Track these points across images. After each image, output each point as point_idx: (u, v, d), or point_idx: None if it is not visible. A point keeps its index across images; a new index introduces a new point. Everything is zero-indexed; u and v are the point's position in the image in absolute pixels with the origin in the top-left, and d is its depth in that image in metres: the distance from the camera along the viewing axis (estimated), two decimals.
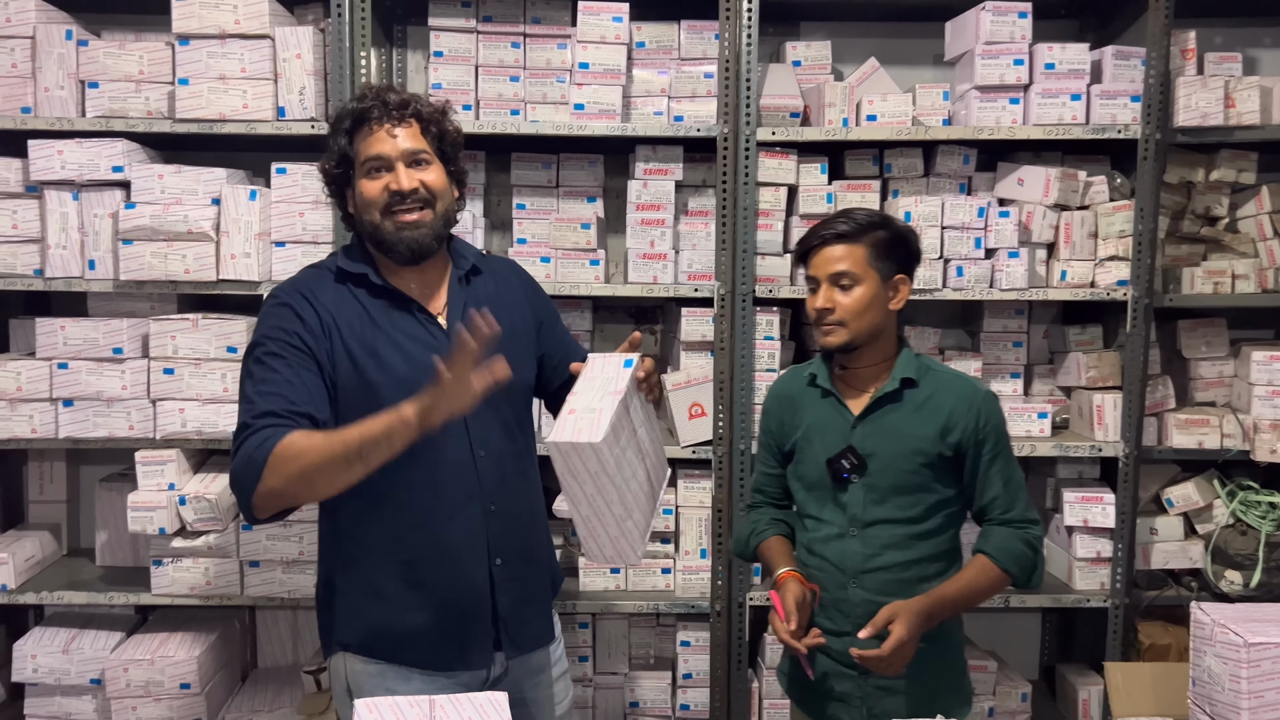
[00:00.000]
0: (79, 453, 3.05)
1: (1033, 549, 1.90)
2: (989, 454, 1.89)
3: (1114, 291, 2.68)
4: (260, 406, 1.64)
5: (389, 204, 1.75)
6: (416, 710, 1.58)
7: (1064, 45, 2.64)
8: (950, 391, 1.90)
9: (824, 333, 1.90)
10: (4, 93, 2.60)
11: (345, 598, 1.82)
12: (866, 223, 1.88)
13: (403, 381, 1.70)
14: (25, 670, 2.67)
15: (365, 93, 1.81)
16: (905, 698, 1.89)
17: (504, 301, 1.89)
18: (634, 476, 1.64)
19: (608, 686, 2.83)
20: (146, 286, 2.62)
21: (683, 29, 2.73)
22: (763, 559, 2.02)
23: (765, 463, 2.09)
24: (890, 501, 1.88)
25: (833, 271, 1.87)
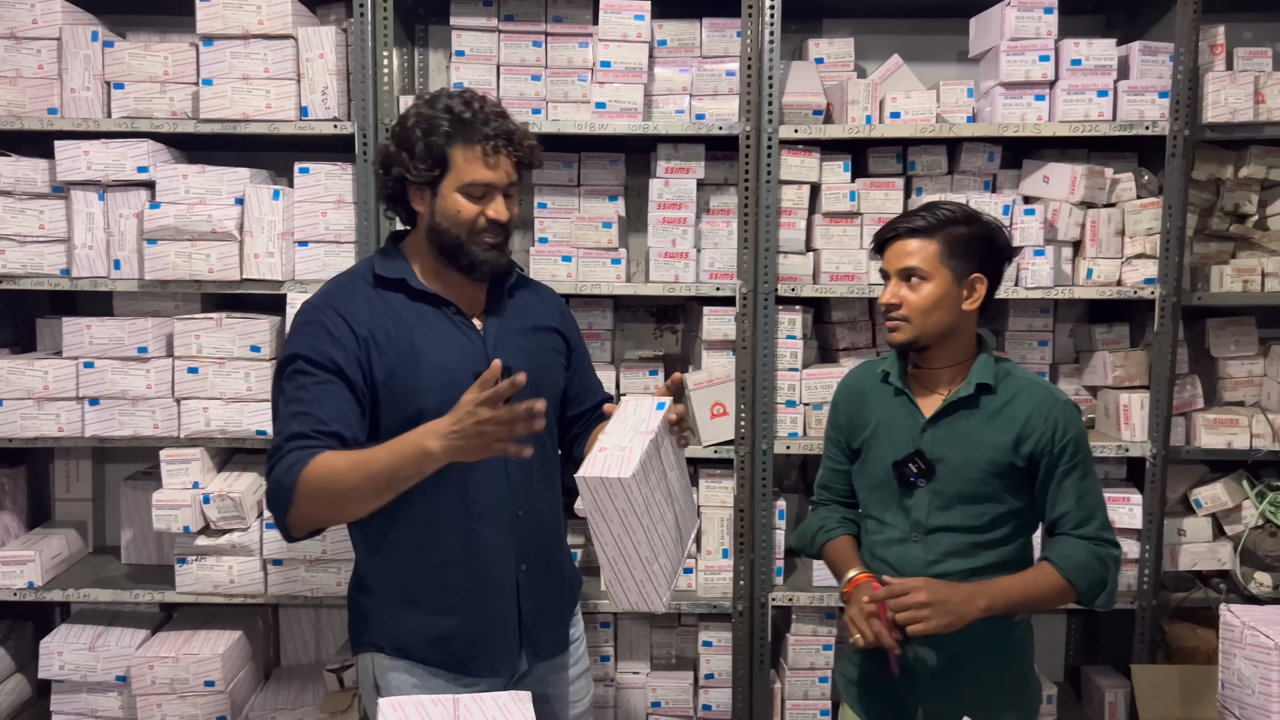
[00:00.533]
0: (104, 451, 3.07)
1: (1104, 566, 1.82)
2: (1065, 466, 1.81)
3: (1141, 290, 2.65)
4: (290, 428, 1.66)
5: (482, 230, 1.77)
6: (441, 709, 1.58)
7: (1090, 41, 2.61)
8: (1028, 399, 1.83)
9: (889, 328, 1.85)
10: (31, 94, 2.62)
11: (376, 597, 1.83)
12: (945, 218, 1.82)
13: (443, 387, 1.72)
14: (52, 667, 2.69)
15: (469, 101, 1.77)
16: (963, 704, 1.83)
17: (540, 314, 1.93)
18: (662, 519, 1.63)
19: (629, 686, 2.82)
20: (171, 286, 2.63)
21: (704, 27, 2.72)
22: (829, 558, 1.98)
23: (832, 458, 2.05)
24: (956, 509, 1.82)
25: (902, 266, 1.82)
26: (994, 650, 1.87)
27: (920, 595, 1.70)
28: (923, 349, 1.86)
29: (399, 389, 1.74)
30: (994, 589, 1.77)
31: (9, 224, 2.61)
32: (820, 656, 2.76)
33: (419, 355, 1.75)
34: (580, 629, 2.03)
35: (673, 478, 1.70)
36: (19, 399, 2.62)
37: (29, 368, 2.61)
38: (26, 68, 2.62)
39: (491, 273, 1.80)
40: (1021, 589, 1.80)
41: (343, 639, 3.03)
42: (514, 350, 1.82)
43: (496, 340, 1.82)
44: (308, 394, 1.68)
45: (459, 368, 1.76)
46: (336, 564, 2.68)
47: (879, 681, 1.92)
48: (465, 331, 1.81)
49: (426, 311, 1.80)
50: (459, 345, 1.79)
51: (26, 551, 2.72)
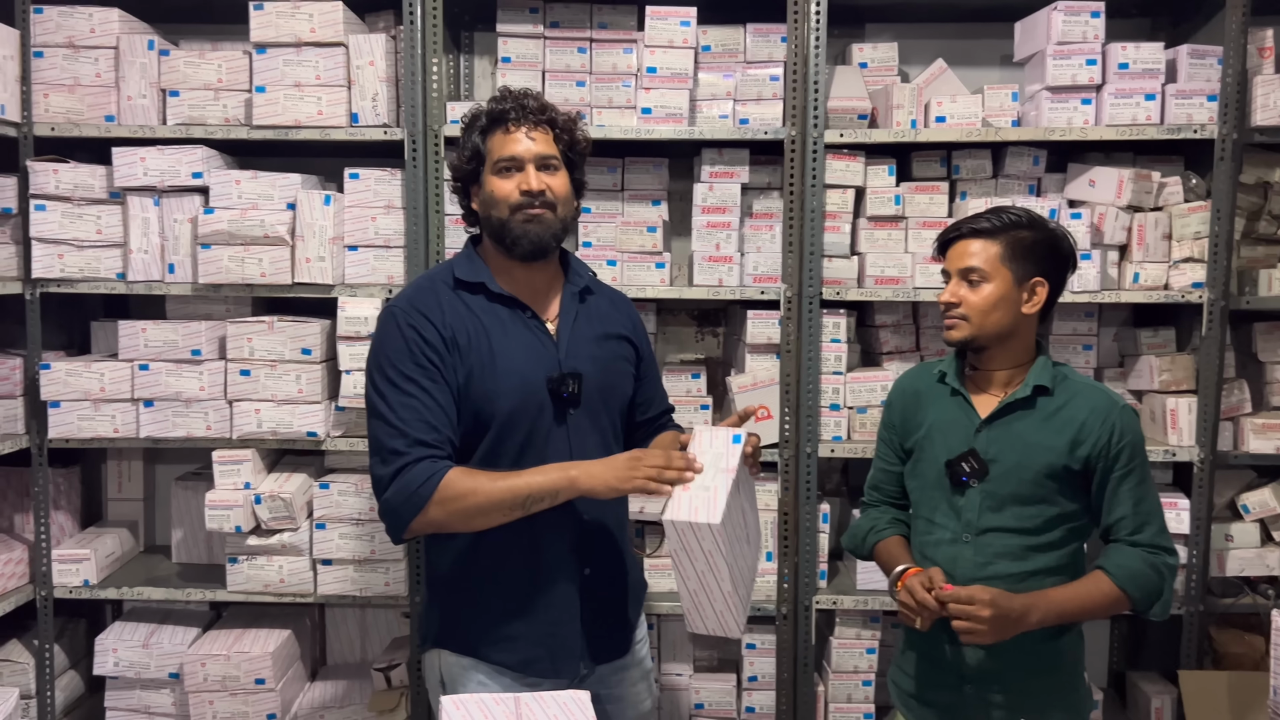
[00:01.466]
0: (154, 452, 3.13)
1: (1159, 574, 1.81)
2: (1120, 471, 1.81)
3: (1189, 294, 2.64)
4: (411, 434, 1.71)
5: (519, 204, 1.79)
6: (503, 708, 1.60)
7: (1138, 45, 2.61)
8: (1085, 403, 1.83)
9: (947, 326, 1.87)
10: (89, 101, 2.68)
11: (445, 595, 1.87)
12: (1010, 221, 1.83)
13: (517, 391, 1.78)
14: (107, 664, 2.75)
15: (504, 95, 1.85)
16: (1014, 712, 1.85)
17: (613, 320, 1.96)
18: (742, 555, 1.65)
19: (672, 688, 2.84)
20: (223, 290, 2.68)
21: (748, 32, 2.74)
22: (879, 557, 1.99)
23: (884, 458, 2.06)
24: (1008, 510, 1.83)
25: (963, 266, 1.83)
26: (1045, 658, 1.86)
27: (984, 612, 1.71)
28: (980, 349, 1.87)
29: (476, 392, 1.77)
30: (1048, 602, 1.77)
31: (67, 229, 2.66)
32: (864, 660, 2.76)
33: (496, 359, 1.78)
34: (644, 632, 2.04)
35: (747, 509, 1.72)
36: (76, 400, 2.67)
37: (86, 370, 2.67)
38: (85, 76, 2.68)
39: (532, 246, 1.81)
40: (1076, 599, 1.80)
41: (388, 639, 3.07)
42: (586, 357, 1.84)
43: (569, 345, 1.84)
44: (417, 400, 1.72)
45: (533, 372, 1.79)
46: (385, 564, 2.71)
47: (931, 689, 1.93)
48: (539, 335, 1.83)
49: (503, 314, 1.83)
50: (533, 349, 1.81)
51: (82, 550, 2.77)
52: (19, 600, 2.72)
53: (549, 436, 1.81)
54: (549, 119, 1.84)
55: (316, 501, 2.70)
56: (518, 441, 1.80)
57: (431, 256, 2.67)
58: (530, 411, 1.80)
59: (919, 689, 1.95)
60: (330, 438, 2.70)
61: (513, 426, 1.79)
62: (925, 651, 1.94)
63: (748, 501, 1.75)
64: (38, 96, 2.67)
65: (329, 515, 2.69)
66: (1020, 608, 1.73)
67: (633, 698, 1.96)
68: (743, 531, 1.68)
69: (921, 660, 1.95)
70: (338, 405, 2.68)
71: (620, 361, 1.96)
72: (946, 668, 1.89)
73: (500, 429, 1.79)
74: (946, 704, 1.90)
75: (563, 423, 1.82)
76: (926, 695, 1.93)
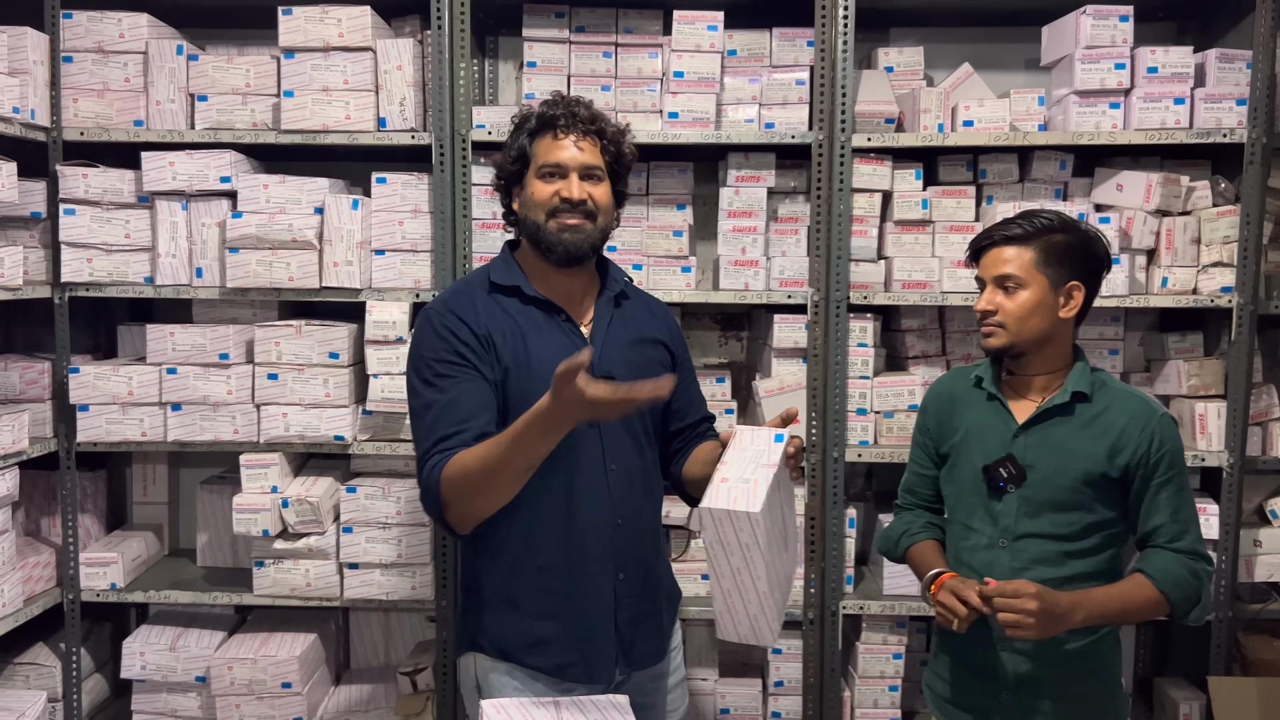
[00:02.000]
0: (179, 455, 3.13)
1: (1198, 579, 1.80)
2: (1159, 480, 1.80)
3: (1218, 298, 2.63)
4: (437, 433, 1.71)
5: (555, 209, 1.80)
6: (544, 711, 1.60)
7: (1167, 49, 2.60)
8: (1123, 410, 1.82)
9: (984, 334, 1.86)
10: (118, 106, 2.69)
11: (480, 598, 1.86)
12: (1042, 225, 1.82)
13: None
14: (134, 667, 2.75)
15: (557, 100, 1.86)
16: (1052, 717, 1.84)
17: (648, 326, 1.95)
18: (778, 555, 1.63)
19: (698, 693, 2.83)
20: (251, 294, 2.68)
21: (774, 36, 2.74)
22: (912, 561, 1.99)
23: (918, 462, 2.05)
24: (1045, 516, 1.82)
25: (998, 274, 1.83)
26: (1082, 662, 1.85)
27: (1031, 605, 1.69)
28: (1018, 355, 1.86)
29: (512, 393, 1.78)
30: (1092, 601, 1.76)
31: (96, 233, 2.68)
32: (890, 665, 2.76)
33: (531, 360, 1.78)
34: (679, 639, 2.03)
35: (785, 512, 1.70)
36: (104, 404, 2.68)
37: (114, 373, 2.67)
38: (114, 81, 2.69)
39: (567, 254, 1.81)
40: (1119, 600, 1.79)
41: (412, 642, 3.07)
42: (619, 361, 1.84)
43: (603, 349, 1.85)
44: (446, 395, 1.73)
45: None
46: (412, 568, 2.71)
47: (967, 694, 1.92)
48: (573, 339, 1.83)
49: (538, 317, 1.83)
50: (567, 352, 1.79)
51: (110, 553, 2.78)
52: (47, 603, 2.72)
53: (582, 439, 1.80)
54: (598, 129, 1.85)
55: (343, 505, 2.70)
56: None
57: (459, 260, 2.68)
58: None
59: (954, 694, 1.94)
60: (357, 441, 2.70)
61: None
62: (961, 656, 1.93)
63: (787, 505, 1.73)
64: (67, 101, 2.69)
65: (356, 519, 2.69)
66: (1066, 604, 1.72)
67: (668, 705, 1.96)
68: (780, 533, 1.66)
69: (956, 665, 1.94)
70: (365, 409, 2.68)
71: (655, 366, 1.95)
72: (983, 673, 1.89)
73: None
74: (983, 709, 1.89)
75: (595, 425, 1.82)
76: (962, 700, 1.93)
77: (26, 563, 2.67)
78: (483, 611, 1.85)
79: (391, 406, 2.65)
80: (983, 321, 1.86)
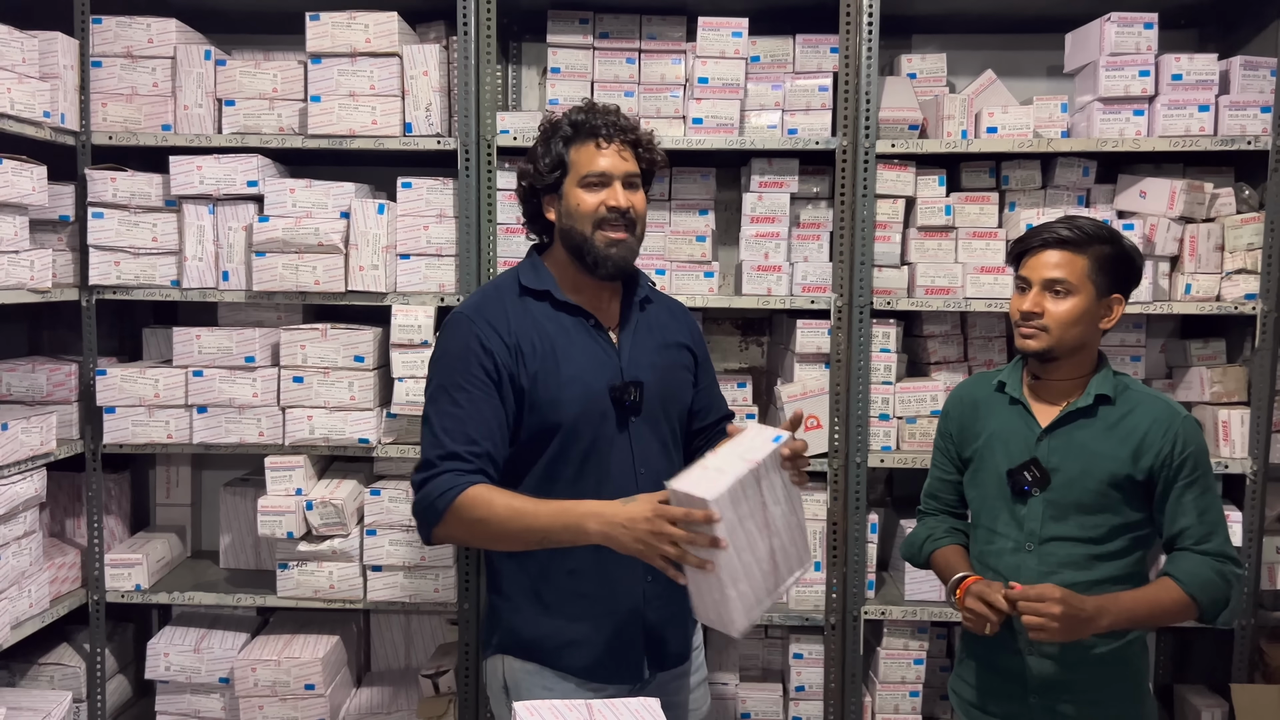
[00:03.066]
0: (201, 458, 3.15)
1: (1226, 582, 1.80)
2: (1184, 481, 1.81)
3: (1242, 305, 2.63)
4: (445, 446, 1.73)
5: (604, 219, 1.81)
6: (575, 713, 1.61)
7: (1192, 55, 2.60)
8: (1147, 413, 1.83)
9: (1025, 335, 1.85)
10: (146, 110, 2.71)
11: (509, 601, 1.88)
12: (1094, 234, 1.82)
13: (580, 399, 1.79)
14: (158, 668, 2.76)
15: (590, 108, 1.87)
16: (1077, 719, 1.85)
17: (672, 329, 1.97)
18: (749, 548, 1.60)
19: (719, 696, 2.83)
20: (276, 297, 2.70)
21: (798, 43, 2.75)
22: (937, 565, 1.99)
23: (941, 467, 2.06)
24: (1071, 520, 1.83)
25: (1048, 277, 1.82)
26: (1110, 666, 1.86)
27: (1055, 609, 1.69)
28: (1052, 360, 1.86)
29: (540, 399, 1.79)
30: (1118, 605, 1.77)
31: (124, 236, 2.69)
32: (911, 671, 2.76)
33: (560, 366, 1.80)
34: (700, 639, 2.05)
35: (775, 512, 1.66)
36: (131, 406, 2.69)
37: (141, 376, 2.69)
38: (142, 85, 2.71)
39: (615, 269, 1.83)
40: (1146, 604, 1.79)
41: (433, 645, 3.08)
42: (646, 365, 1.86)
43: (631, 354, 1.86)
44: (461, 410, 1.74)
45: (595, 380, 1.81)
46: (435, 571, 2.72)
47: (994, 699, 1.92)
48: (602, 344, 1.85)
49: (567, 322, 1.85)
50: (596, 358, 1.83)
51: (134, 555, 2.80)
52: (72, 604, 2.74)
53: (612, 444, 1.82)
54: (636, 138, 1.87)
55: (367, 508, 2.71)
56: (581, 449, 1.82)
57: (483, 265, 2.69)
58: (594, 419, 1.82)
59: (981, 699, 1.95)
60: (382, 445, 2.71)
61: (576, 434, 1.81)
62: (988, 661, 1.93)
63: (781, 506, 1.68)
64: (96, 106, 2.71)
65: (379, 522, 2.71)
66: (1092, 609, 1.72)
67: (691, 705, 1.97)
68: (761, 531, 1.63)
69: (983, 669, 1.94)
70: (389, 412, 2.69)
71: (680, 370, 1.97)
72: (1010, 677, 1.89)
73: (565, 436, 1.81)
74: (1011, 714, 1.90)
75: (624, 430, 1.84)
76: (989, 705, 1.93)
77: (53, 563, 2.68)
78: (512, 614, 1.87)
79: (416, 410, 2.66)
80: (1025, 323, 1.85)
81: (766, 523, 1.64)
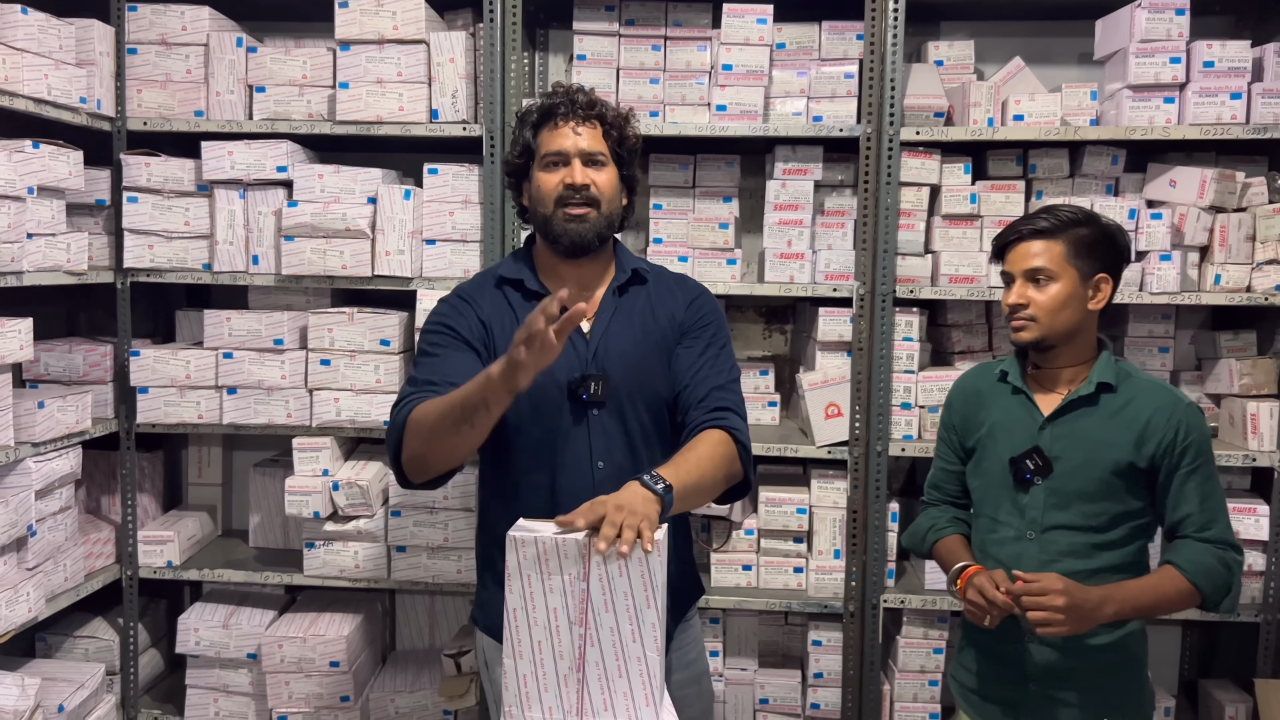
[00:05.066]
0: (232, 438, 3.21)
1: (1228, 569, 1.80)
2: (1186, 468, 1.80)
3: (1272, 296, 2.59)
4: (419, 379, 1.76)
5: (562, 197, 1.80)
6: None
7: (1224, 43, 2.57)
8: (1149, 400, 1.83)
9: (1015, 328, 1.86)
10: (180, 97, 2.76)
11: (482, 583, 1.92)
12: (1068, 219, 1.83)
13: (537, 387, 1.68)
14: (189, 643, 2.83)
15: (556, 90, 1.87)
16: (1079, 710, 1.84)
17: (667, 305, 1.89)
18: (546, 627, 1.44)
19: (737, 682, 2.85)
20: (305, 281, 2.74)
21: (823, 30, 2.74)
22: (940, 555, 2.00)
23: (944, 458, 2.06)
24: (1073, 508, 1.83)
25: (1028, 267, 1.83)
26: (1110, 654, 1.86)
27: (1059, 600, 1.70)
28: (1048, 348, 1.86)
29: None
30: (1122, 594, 1.77)
31: (157, 220, 2.75)
32: (930, 660, 2.76)
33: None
34: (694, 635, 1.98)
35: (604, 621, 1.44)
36: (163, 386, 2.75)
37: (173, 357, 2.75)
38: (175, 72, 2.76)
39: (572, 245, 1.80)
40: (1149, 593, 1.79)
41: (456, 625, 3.12)
42: (617, 355, 1.81)
43: (600, 345, 1.82)
44: (435, 357, 1.78)
45: (556, 369, 1.71)
46: (458, 552, 2.76)
47: (995, 685, 1.93)
48: (570, 336, 1.76)
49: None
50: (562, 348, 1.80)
51: (166, 532, 2.86)
52: (106, 579, 2.81)
53: (567, 436, 1.78)
54: (598, 114, 1.83)
55: (392, 489, 2.76)
56: (534, 438, 1.80)
57: (507, 250, 2.71)
58: (547, 410, 1.79)
59: (981, 685, 1.95)
60: None
61: (529, 422, 1.79)
62: (988, 648, 1.94)
63: (630, 625, 1.45)
64: (131, 92, 2.76)
65: (404, 503, 2.75)
66: (1096, 599, 1.73)
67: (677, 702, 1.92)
68: (577, 624, 1.44)
69: (983, 657, 1.95)
70: None
71: (658, 359, 1.85)
72: (1011, 665, 1.89)
73: (518, 422, 1.79)
74: (1011, 701, 1.90)
75: (582, 423, 1.80)
76: (990, 692, 1.93)
77: (88, 539, 2.75)
78: (481, 590, 1.92)
79: None
80: (1013, 315, 1.86)
81: (585, 621, 1.44)
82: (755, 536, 2.80)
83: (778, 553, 2.80)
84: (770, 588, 2.80)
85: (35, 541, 2.47)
